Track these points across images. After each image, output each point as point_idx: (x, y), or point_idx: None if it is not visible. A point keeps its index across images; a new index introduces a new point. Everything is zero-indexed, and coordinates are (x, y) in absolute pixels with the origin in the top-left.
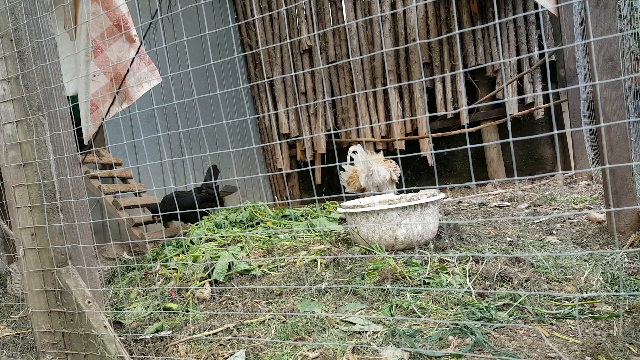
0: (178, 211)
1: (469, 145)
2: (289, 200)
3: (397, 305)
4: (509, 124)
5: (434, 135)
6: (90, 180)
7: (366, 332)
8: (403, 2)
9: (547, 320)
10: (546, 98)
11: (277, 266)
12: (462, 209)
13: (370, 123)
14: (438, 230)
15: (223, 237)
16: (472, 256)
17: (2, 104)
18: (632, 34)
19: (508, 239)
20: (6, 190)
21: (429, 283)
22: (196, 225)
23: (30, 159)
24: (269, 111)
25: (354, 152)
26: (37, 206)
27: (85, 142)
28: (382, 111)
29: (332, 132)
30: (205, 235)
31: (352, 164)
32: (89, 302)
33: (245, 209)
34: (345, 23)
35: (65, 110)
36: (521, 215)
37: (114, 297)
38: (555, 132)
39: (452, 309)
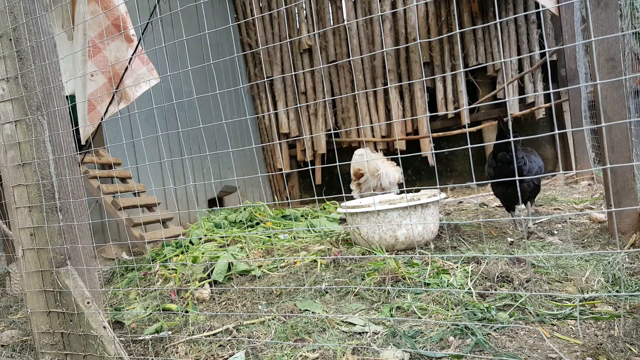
0: None
1: (469, 145)
2: (289, 201)
3: (397, 306)
4: (509, 123)
5: (435, 135)
6: (89, 180)
7: (366, 332)
8: (403, 1)
9: (548, 321)
10: (547, 98)
11: (277, 266)
12: (463, 209)
13: (371, 123)
14: (439, 230)
15: (223, 237)
16: (473, 256)
17: (1, 103)
18: (633, 33)
19: (509, 239)
20: (5, 191)
21: (429, 284)
22: (195, 225)
23: (29, 159)
24: (268, 111)
25: (360, 155)
26: (36, 206)
27: (83, 142)
28: (383, 111)
29: (332, 132)
30: (205, 235)
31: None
32: (88, 303)
33: (245, 209)
34: (346, 22)
35: (64, 110)
36: (522, 215)
37: (113, 297)
38: (556, 132)
39: (452, 309)
